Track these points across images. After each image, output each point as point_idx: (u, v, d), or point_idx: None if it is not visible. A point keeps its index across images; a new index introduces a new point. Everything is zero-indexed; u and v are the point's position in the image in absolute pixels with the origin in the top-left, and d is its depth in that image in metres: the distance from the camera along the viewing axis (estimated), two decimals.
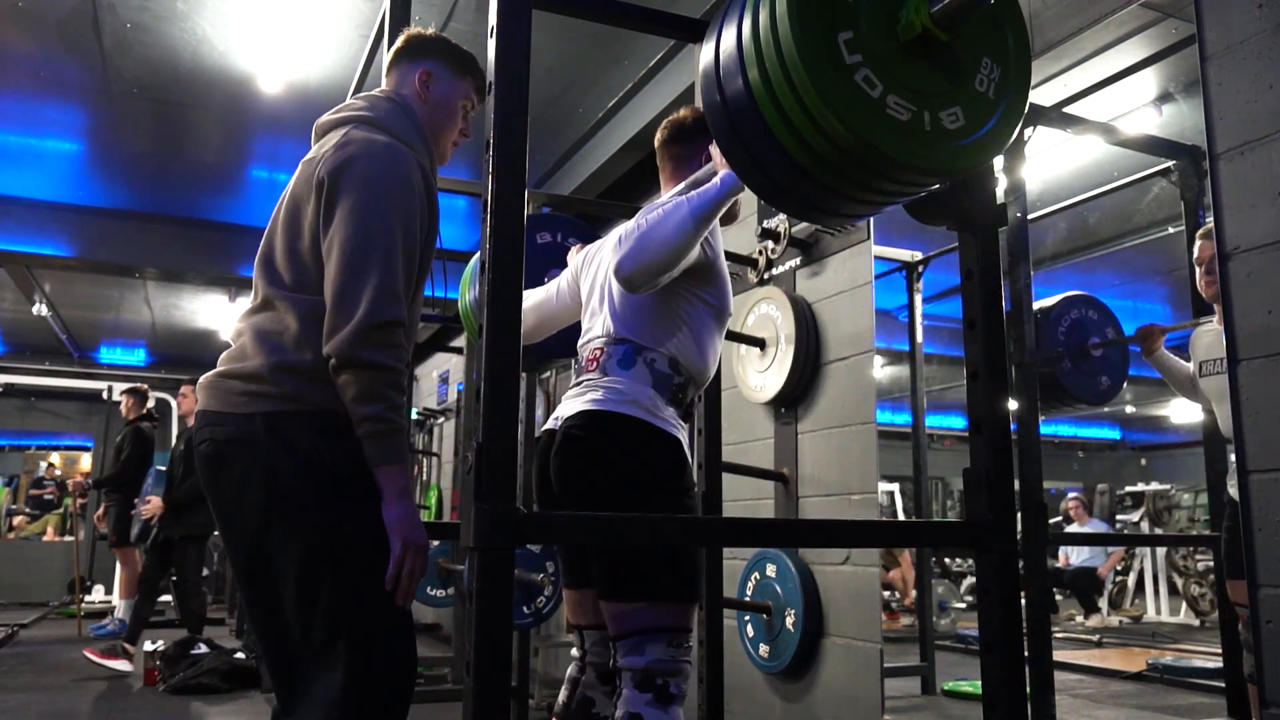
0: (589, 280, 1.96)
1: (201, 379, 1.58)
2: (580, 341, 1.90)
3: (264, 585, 1.48)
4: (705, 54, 1.32)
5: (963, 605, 6.57)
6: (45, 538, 11.03)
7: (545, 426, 1.82)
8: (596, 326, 1.85)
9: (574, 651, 1.92)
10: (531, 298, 2.04)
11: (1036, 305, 3.04)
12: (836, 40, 1.17)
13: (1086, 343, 3.04)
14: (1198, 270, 2.61)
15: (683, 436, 1.76)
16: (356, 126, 1.60)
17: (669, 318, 1.76)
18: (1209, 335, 2.63)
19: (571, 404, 1.75)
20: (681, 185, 1.83)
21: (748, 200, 3.69)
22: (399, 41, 1.75)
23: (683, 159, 1.94)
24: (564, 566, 1.89)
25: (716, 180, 1.62)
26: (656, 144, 2.01)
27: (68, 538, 10.50)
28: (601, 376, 1.75)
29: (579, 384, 1.80)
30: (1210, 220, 1.82)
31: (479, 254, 2.14)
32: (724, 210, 1.64)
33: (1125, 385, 3.22)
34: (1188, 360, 2.81)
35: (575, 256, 2.09)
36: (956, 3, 1.19)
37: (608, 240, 1.99)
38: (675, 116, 2.00)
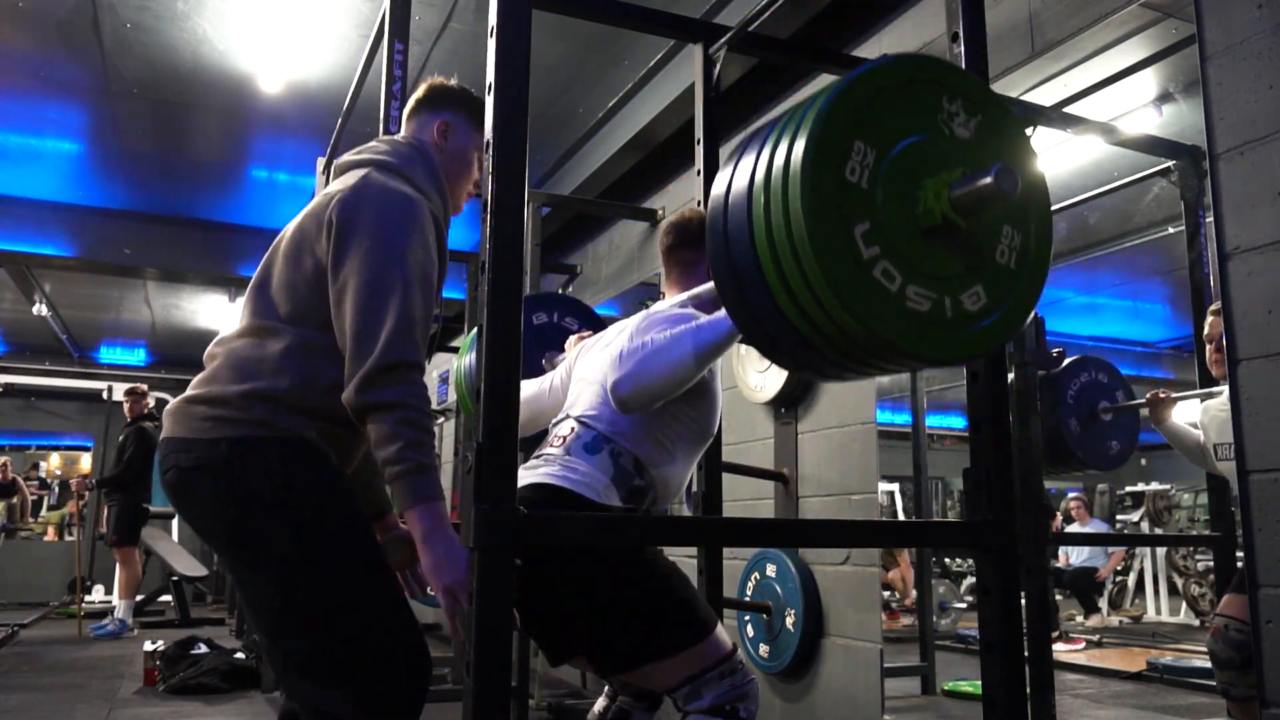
0: (580, 373, 1.91)
1: (168, 405, 1.55)
2: (554, 419, 1.87)
3: (253, 602, 1.49)
4: (715, 200, 1.24)
5: (963, 605, 6.57)
6: (46, 538, 11.03)
7: None
8: (575, 408, 1.81)
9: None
10: (524, 391, 1.99)
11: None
12: (853, 234, 1.10)
13: (1096, 407, 2.99)
14: (1207, 347, 2.59)
15: (623, 508, 1.69)
16: (376, 170, 1.58)
17: (648, 427, 1.73)
18: (1221, 413, 2.57)
19: (524, 475, 1.71)
20: (683, 296, 1.82)
21: None
22: (420, 90, 1.75)
23: (690, 264, 1.92)
24: (544, 651, 1.80)
25: (723, 318, 1.57)
26: (661, 246, 1.98)
27: (68, 537, 10.51)
28: (563, 455, 1.72)
29: (538, 457, 1.77)
30: (1219, 303, 1.81)
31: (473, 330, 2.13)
32: (728, 349, 1.61)
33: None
34: (1194, 428, 2.80)
35: (572, 350, 2.07)
36: (977, 195, 1.13)
37: (604, 335, 1.95)
38: (680, 218, 1.97)
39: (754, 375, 3.34)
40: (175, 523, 9.17)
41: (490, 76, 1.26)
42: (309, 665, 1.44)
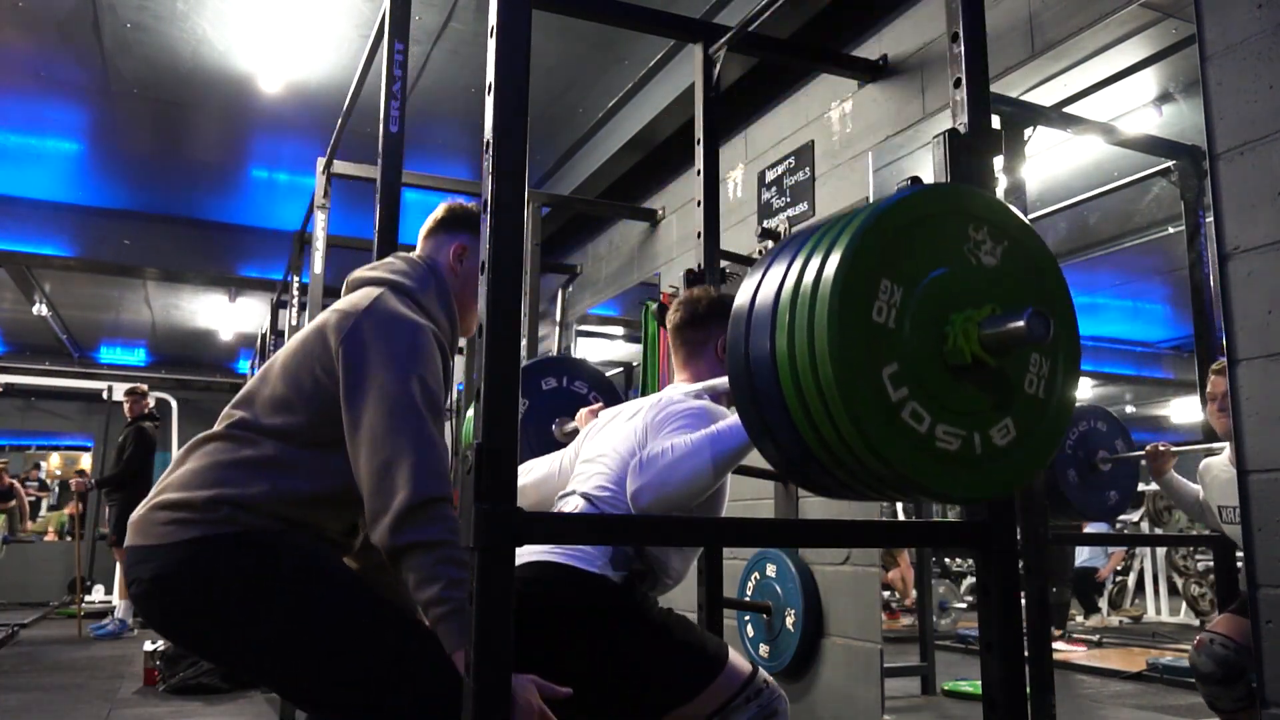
0: (588, 452, 1.91)
1: (135, 513, 1.52)
2: (560, 493, 1.87)
3: (268, 682, 1.50)
4: (738, 318, 1.19)
5: (963, 605, 6.57)
6: (46, 538, 11.04)
7: None
8: (581, 485, 1.81)
9: None
10: (533, 474, 2.01)
11: None
12: (882, 377, 1.07)
13: (1095, 457, 2.95)
14: (1210, 404, 2.58)
15: (619, 578, 1.68)
16: (390, 291, 1.57)
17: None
18: (1223, 474, 2.56)
19: (524, 552, 1.71)
20: (698, 386, 1.82)
21: (747, 200, 3.69)
22: (439, 211, 1.75)
23: (696, 345, 1.93)
24: None
25: (740, 426, 1.55)
26: (670, 324, 1.99)
27: (70, 538, 10.51)
28: None
29: None
30: (1225, 357, 1.80)
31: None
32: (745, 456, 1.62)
33: (1125, 384, 3.20)
34: (1193, 481, 2.79)
35: (583, 425, 2.06)
36: (1008, 337, 1.10)
37: (621, 411, 1.95)
38: (689, 297, 1.97)
39: None
40: None
41: (490, 76, 1.25)
42: (341, 713, 1.43)
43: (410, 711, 1.39)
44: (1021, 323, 1.09)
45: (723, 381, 1.77)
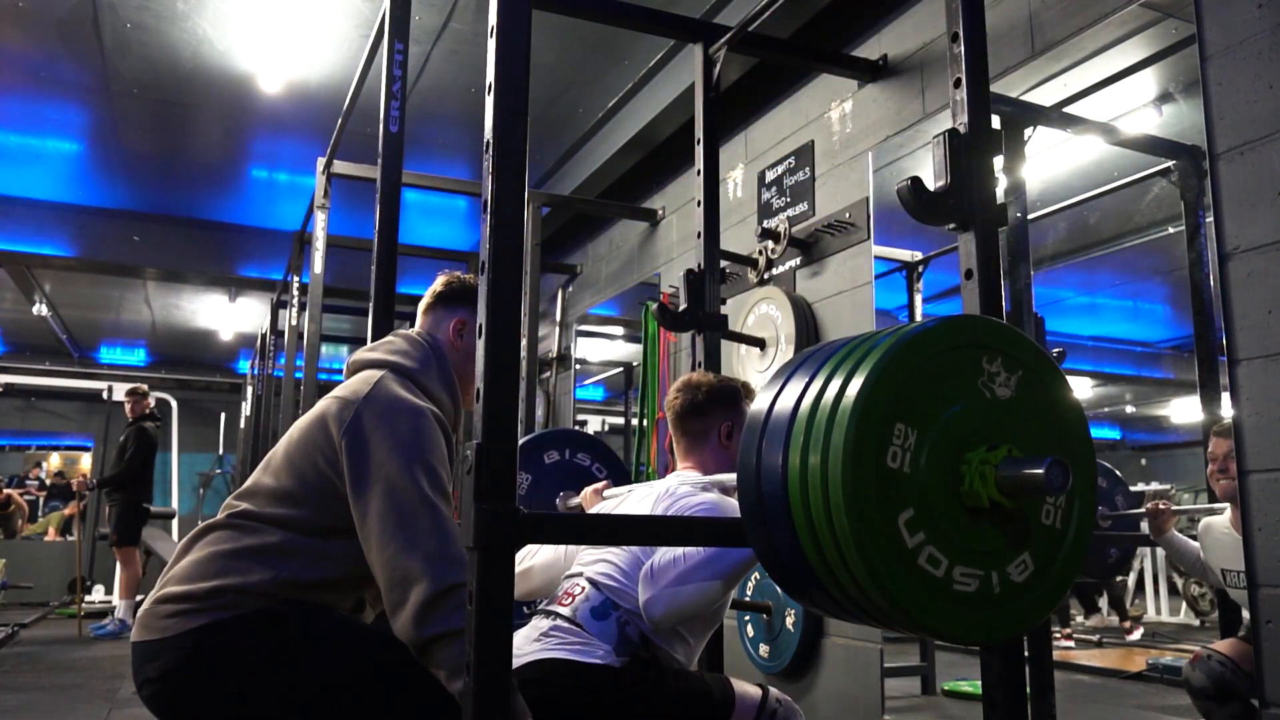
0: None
1: (142, 607, 1.51)
2: (566, 574, 1.88)
3: None
4: (748, 442, 1.17)
5: None
6: (46, 538, 11.04)
7: None
8: (588, 570, 1.80)
9: None
10: (540, 555, 2.02)
11: None
12: (897, 524, 1.04)
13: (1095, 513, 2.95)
14: (1211, 465, 2.57)
15: (621, 664, 1.68)
16: (391, 374, 1.57)
17: None
18: (1225, 537, 2.52)
19: (527, 648, 1.71)
20: (706, 479, 1.84)
21: (747, 200, 3.69)
22: (438, 285, 1.75)
23: (698, 435, 1.95)
24: None
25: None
26: (671, 411, 1.99)
27: (69, 537, 10.51)
28: (569, 624, 1.72)
29: (543, 614, 1.77)
30: (1229, 418, 1.80)
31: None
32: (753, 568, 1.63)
33: (1125, 384, 3.19)
34: (1193, 538, 2.79)
35: (588, 507, 2.07)
36: (1025, 482, 1.07)
37: (624, 497, 1.96)
38: (688, 383, 1.99)
39: (754, 375, 3.34)
40: (175, 523, 9.18)
41: (490, 76, 1.25)
42: None
43: None
44: (1040, 471, 1.06)
45: (731, 479, 1.77)
